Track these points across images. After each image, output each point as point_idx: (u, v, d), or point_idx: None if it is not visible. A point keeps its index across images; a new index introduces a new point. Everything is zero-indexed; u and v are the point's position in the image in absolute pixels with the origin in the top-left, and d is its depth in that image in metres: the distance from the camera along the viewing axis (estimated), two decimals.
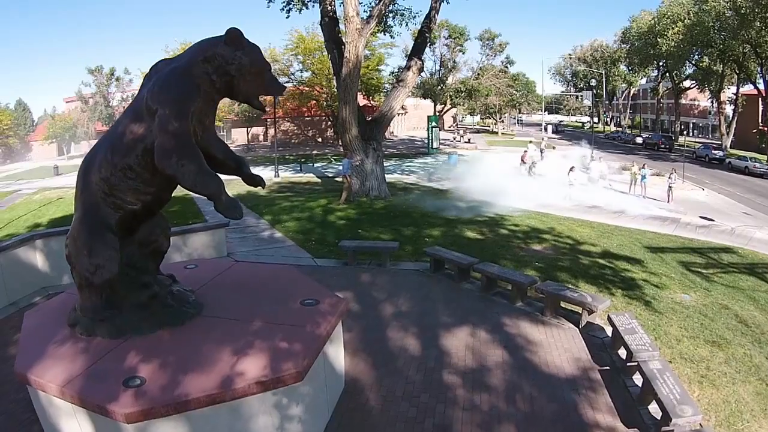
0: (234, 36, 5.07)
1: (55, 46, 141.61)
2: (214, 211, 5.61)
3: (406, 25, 23.14)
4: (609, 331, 8.50)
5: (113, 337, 5.31)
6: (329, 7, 21.27)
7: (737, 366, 8.10)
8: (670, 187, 24.49)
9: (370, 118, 22.32)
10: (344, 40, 19.68)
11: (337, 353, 6.75)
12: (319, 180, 29.53)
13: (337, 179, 27.04)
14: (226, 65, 5.07)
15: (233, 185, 27.69)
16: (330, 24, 21.35)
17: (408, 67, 21.82)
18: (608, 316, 8.34)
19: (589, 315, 8.77)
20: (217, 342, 5.33)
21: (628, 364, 7.38)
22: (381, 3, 19.99)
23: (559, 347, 8.22)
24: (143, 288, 5.69)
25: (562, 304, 9.32)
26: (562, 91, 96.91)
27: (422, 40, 22.33)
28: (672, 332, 9.05)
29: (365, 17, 20.20)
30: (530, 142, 42.76)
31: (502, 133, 73.23)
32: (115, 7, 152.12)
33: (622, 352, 7.79)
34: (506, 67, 63.05)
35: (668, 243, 15.59)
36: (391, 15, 22.97)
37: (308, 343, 5.43)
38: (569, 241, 14.90)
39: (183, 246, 12.43)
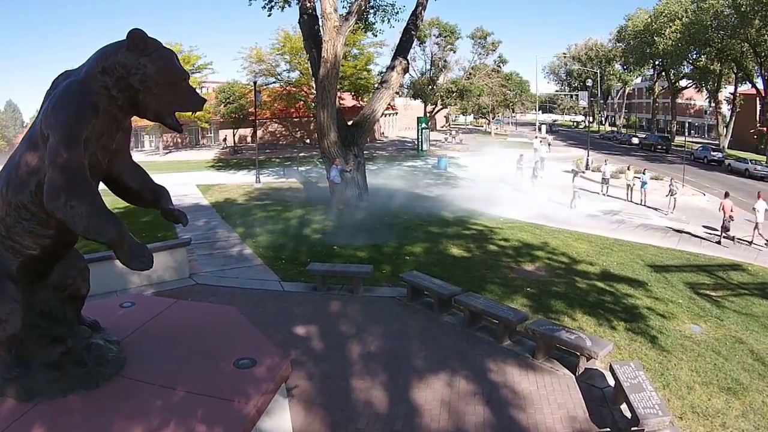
0: (136, 38, 4.08)
1: (49, 46, 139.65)
2: (185, 226, 4.58)
3: (388, 21, 21.78)
4: (610, 378, 7.22)
5: (22, 400, 4.61)
6: (308, 4, 19.95)
7: (756, 420, 6.91)
8: (672, 195, 22.89)
9: (351, 122, 20.95)
10: (323, 39, 18.32)
11: (278, 426, 5.59)
12: (302, 186, 28.19)
13: (319, 185, 25.74)
14: (128, 76, 4.12)
15: (213, 190, 26.83)
16: (309, 22, 20.02)
17: (392, 67, 20.47)
18: (610, 365, 7.05)
19: (587, 360, 7.48)
20: (128, 417, 4.47)
21: (632, 429, 6.09)
22: None
23: (551, 401, 6.96)
24: (55, 343, 4.85)
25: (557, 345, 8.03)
26: (557, 91, 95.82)
27: (408, 39, 20.99)
28: (682, 377, 7.78)
29: (344, 14, 18.83)
30: (536, 137, 41.48)
31: (495, 134, 72.04)
32: (104, 7, 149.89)
33: (626, 407, 6.53)
34: (499, 66, 61.73)
35: (672, 259, 14.33)
36: (371, 11, 21.59)
37: (233, 428, 4.46)
38: (564, 259, 13.62)
39: None
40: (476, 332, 8.91)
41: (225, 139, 52.75)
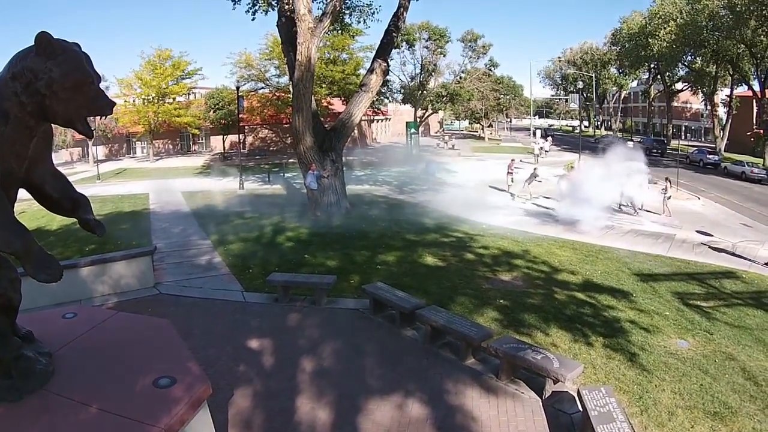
0: (42, 42, 3.92)
1: None
2: (164, 230, 4.17)
3: (365, 22, 21.08)
4: (580, 403, 6.46)
5: None
6: (286, 7, 19.30)
7: None
8: (665, 198, 22.08)
9: (329, 127, 20.26)
10: (297, 41, 17.61)
11: None
12: (285, 192, 27.48)
13: (302, 191, 25.09)
14: (35, 81, 3.97)
15: (197, 196, 26.16)
16: (287, 24, 19.36)
17: (372, 70, 19.76)
18: (578, 391, 6.29)
19: (555, 383, 6.72)
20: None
21: None
22: None
23: (512, 429, 6.27)
24: None
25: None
26: (552, 95, 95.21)
27: (388, 40, 20.27)
28: (663, 401, 7.01)
29: (319, 15, 18.15)
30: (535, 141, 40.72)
31: (489, 139, 71.31)
32: (90, 12, 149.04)
33: None
34: (490, 69, 60.89)
35: (662, 267, 13.52)
36: (347, 12, 20.89)
37: None
38: (545, 268, 12.84)
39: (104, 276, 11.29)
40: (439, 349, 8.20)
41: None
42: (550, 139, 57.54)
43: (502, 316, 9.54)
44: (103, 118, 48.82)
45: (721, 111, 58.02)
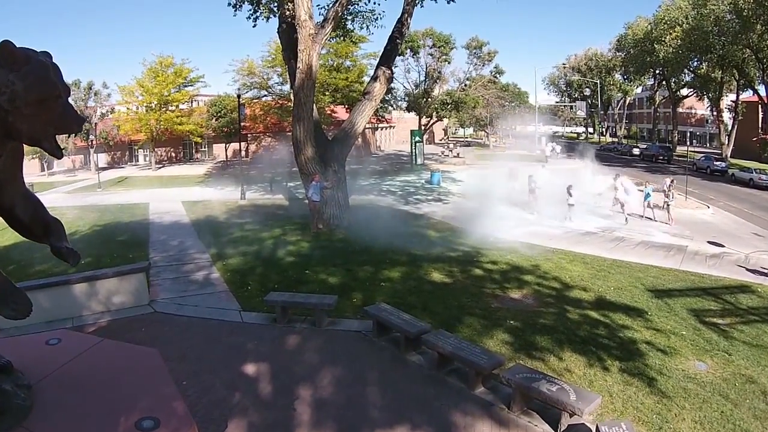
0: (4, 53, 3.52)
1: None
2: (162, 242, 3.80)
3: (367, 28, 20.74)
4: None
5: None
6: (288, 13, 18.94)
7: None
8: (667, 204, 21.69)
9: (331, 137, 19.88)
10: (298, 49, 17.25)
11: None
12: (287, 203, 27.08)
13: (305, 201, 24.75)
14: None
15: (197, 206, 25.86)
16: (288, 31, 19.01)
17: (375, 78, 19.36)
18: (597, 427, 5.84)
19: (571, 416, 6.28)
20: None
21: None
22: (337, 4, 17.51)
23: None
24: None
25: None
26: (557, 102, 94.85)
27: (392, 47, 19.89)
28: (683, 431, 6.56)
29: (320, 21, 17.80)
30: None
31: (494, 146, 70.89)
32: (91, 20, 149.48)
33: None
34: (495, 76, 60.43)
35: (675, 282, 13.05)
36: (349, 18, 20.56)
37: None
38: (556, 284, 12.37)
39: (97, 294, 10.91)
40: (446, 376, 7.76)
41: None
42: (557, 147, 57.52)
43: (512, 338, 9.10)
44: (105, 125, 48.99)
45: (727, 116, 57.57)
